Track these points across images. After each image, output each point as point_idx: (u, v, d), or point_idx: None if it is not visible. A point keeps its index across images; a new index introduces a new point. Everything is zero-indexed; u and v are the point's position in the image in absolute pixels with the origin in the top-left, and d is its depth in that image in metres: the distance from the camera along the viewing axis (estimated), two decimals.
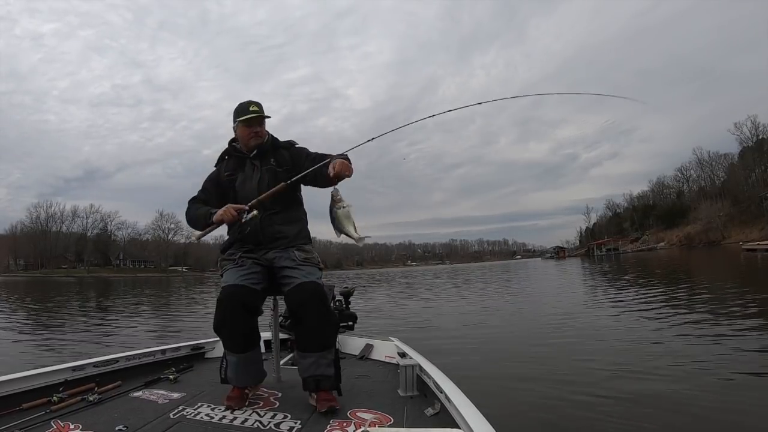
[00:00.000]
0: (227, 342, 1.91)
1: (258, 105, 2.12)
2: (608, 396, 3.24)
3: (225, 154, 2.23)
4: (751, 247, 31.16)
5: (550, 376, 3.86)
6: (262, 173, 2.13)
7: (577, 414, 2.96)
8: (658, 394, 3.22)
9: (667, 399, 3.12)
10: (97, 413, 1.78)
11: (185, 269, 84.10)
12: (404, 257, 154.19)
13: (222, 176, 2.16)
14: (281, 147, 2.21)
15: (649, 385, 3.44)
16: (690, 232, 64.50)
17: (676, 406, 2.97)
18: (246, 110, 2.10)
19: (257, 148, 2.13)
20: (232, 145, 2.21)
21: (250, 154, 2.14)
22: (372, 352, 2.81)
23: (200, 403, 1.88)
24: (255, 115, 2.08)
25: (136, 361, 2.45)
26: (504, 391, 3.54)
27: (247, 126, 2.10)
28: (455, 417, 1.53)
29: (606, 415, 2.91)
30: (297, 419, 1.71)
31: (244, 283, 1.88)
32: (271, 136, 2.21)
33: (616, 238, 79.58)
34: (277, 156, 2.17)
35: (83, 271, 74.96)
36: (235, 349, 1.89)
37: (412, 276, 33.13)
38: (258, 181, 2.11)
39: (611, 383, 3.52)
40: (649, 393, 3.27)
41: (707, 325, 5.71)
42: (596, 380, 3.63)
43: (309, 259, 2.01)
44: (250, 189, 2.09)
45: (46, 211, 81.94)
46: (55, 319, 10.96)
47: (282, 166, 2.14)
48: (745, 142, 62.54)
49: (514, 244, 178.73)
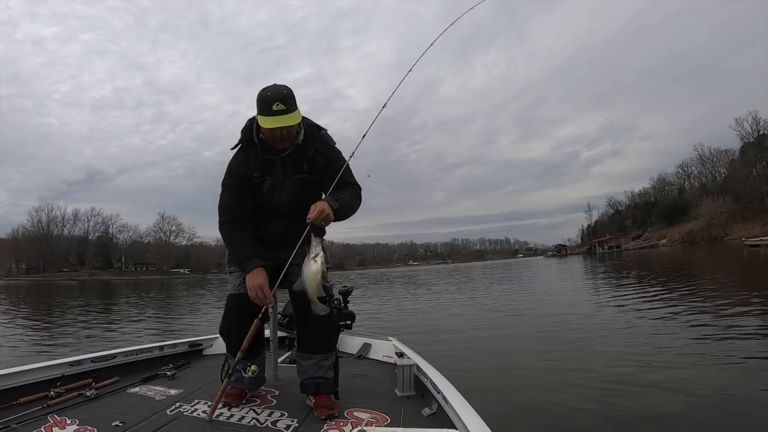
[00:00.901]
0: (231, 346, 1.87)
1: (285, 101, 1.72)
2: (608, 396, 3.22)
3: (248, 143, 1.88)
4: (753, 243, 31.07)
5: (548, 376, 3.85)
6: (294, 184, 1.89)
7: (576, 415, 2.95)
8: (660, 395, 3.19)
9: (669, 399, 3.08)
10: (95, 408, 1.78)
11: (187, 271, 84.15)
12: (406, 257, 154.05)
13: (250, 174, 1.88)
14: (318, 150, 1.91)
15: (650, 385, 3.40)
16: (692, 228, 64.28)
17: (678, 406, 2.94)
18: (268, 110, 1.72)
19: (290, 148, 1.85)
20: (260, 138, 1.84)
21: (281, 153, 1.86)
22: (370, 351, 2.81)
23: (197, 400, 1.88)
24: (277, 126, 1.73)
25: (133, 357, 2.46)
26: (501, 392, 3.53)
27: (269, 129, 1.77)
28: (452, 417, 1.53)
29: (605, 415, 2.90)
30: (294, 417, 1.71)
31: (241, 291, 1.85)
32: (305, 126, 1.89)
33: (617, 236, 79.28)
34: (311, 161, 1.90)
35: (85, 274, 75.01)
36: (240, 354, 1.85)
37: (413, 276, 33.11)
38: (291, 194, 1.89)
39: (611, 383, 3.50)
40: (650, 393, 3.24)
41: (710, 324, 5.66)
42: (595, 380, 3.62)
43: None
44: (279, 200, 1.90)
45: (47, 214, 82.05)
46: (53, 317, 11.00)
47: (314, 173, 1.91)
48: (746, 137, 62.38)
49: (516, 242, 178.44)
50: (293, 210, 1.89)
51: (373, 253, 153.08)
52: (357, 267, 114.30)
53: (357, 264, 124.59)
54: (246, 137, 1.88)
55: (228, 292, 1.94)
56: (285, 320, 2.81)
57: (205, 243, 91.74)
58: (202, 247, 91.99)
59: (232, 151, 1.92)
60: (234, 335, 1.84)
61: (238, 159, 1.90)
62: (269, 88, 1.76)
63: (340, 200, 1.80)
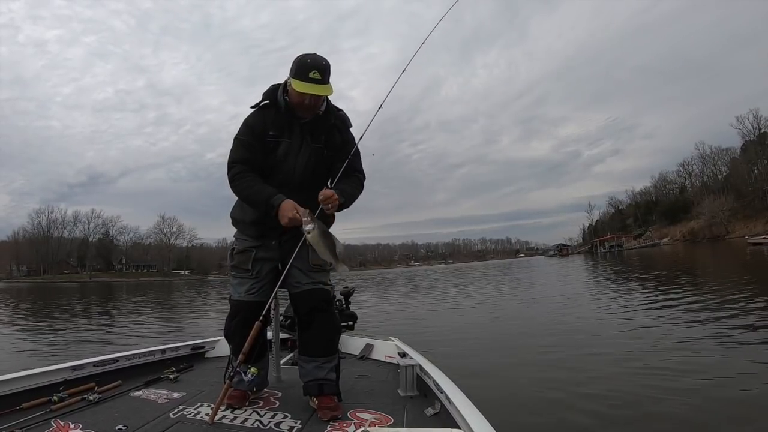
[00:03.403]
0: (236, 350, 1.86)
1: (322, 71, 1.72)
2: (612, 396, 3.21)
3: (273, 99, 1.84)
4: (756, 241, 31.04)
5: (551, 376, 3.84)
6: (310, 152, 1.86)
7: (577, 415, 2.95)
8: (662, 396, 3.17)
9: (672, 401, 3.07)
10: (97, 413, 1.78)
11: (188, 273, 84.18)
12: (407, 257, 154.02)
13: (266, 132, 1.82)
14: (337, 126, 1.91)
15: (654, 387, 3.38)
16: (693, 227, 64.19)
17: (679, 407, 2.93)
18: (305, 75, 1.71)
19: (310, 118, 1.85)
20: (285, 99, 1.82)
21: (300, 120, 1.84)
22: (372, 351, 2.80)
23: (200, 403, 1.88)
24: (309, 93, 1.72)
25: (136, 360, 2.45)
26: (504, 391, 3.53)
27: (299, 94, 1.75)
28: (455, 417, 1.52)
29: (609, 415, 2.89)
30: (297, 419, 1.71)
31: (257, 299, 1.86)
32: (327, 103, 1.89)
33: (619, 235, 79.18)
34: (329, 135, 1.89)
35: (85, 276, 75.11)
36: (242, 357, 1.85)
37: (414, 277, 33.09)
38: (305, 161, 1.86)
39: (614, 384, 3.49)
40: (651, 393, 3.23)
41: (715, 324, 5.63)
42: (597, 380, 3.61)
43: (319, 264, 1.88)
44: (293, 167, 1.85)
45: (47, 216, 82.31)
46: (55, 320, 11.00)
47: (329, 148, 1.89)
48: (747, 135, 62.29)
49: (517, 242, 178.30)
50: (305, 181, 1.87)
51: (374, 254, 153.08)
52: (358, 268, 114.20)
53: (358, 264, 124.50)
54: (270, 96, 1.85)
55: (234, 299, 1.93)
56: (287, 322, 2.81)
57: (206, 245, 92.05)
58: (202, 249, 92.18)
59: (251, 109, 1.89)
60: (240, 340, 1.83)
61: (256, 116, 1.86)
62: (309, 56, 1.75)
63: (345, 195, 1.82)
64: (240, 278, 1.91)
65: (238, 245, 1.95)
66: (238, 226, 1.97)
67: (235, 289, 1.93)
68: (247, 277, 1.90)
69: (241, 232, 1.96)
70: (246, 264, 1.90)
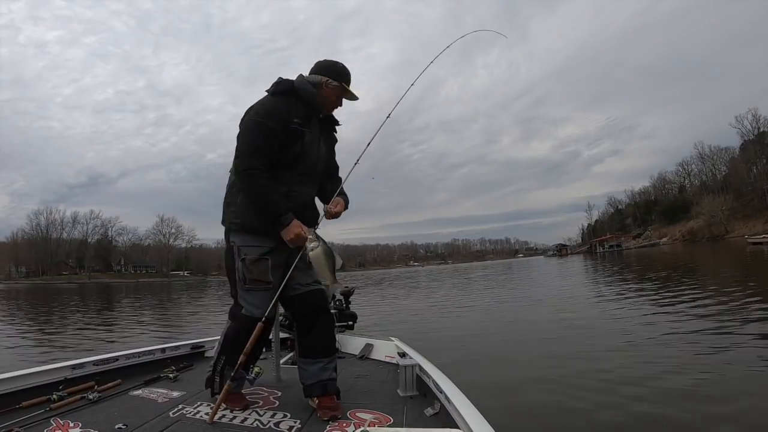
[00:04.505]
0: (233, 360, 1.78)
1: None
2: (612, 397, 3.21)
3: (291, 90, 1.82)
4: (756, 241, 31.06)
5: (551, 376, 3.83)
6: (327, 144, 1.97)
7: (577, 415, 2.94)
8: (662, 397, 3.17)
9: (672, 401, 3.06)
10: (97, 412, 1.78)
11: (187, 273, 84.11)
12: (407, 258, 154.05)
13: (291, 120, 1.76)
14: (334, 129, 2.04)
15: (655, 387, 3.37)
16: (693, 227, 64.21)
17: (680, 408, 2.92)
18: (348, 81, 1.89)
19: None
20: (312, 92, 1.83)
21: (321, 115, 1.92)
22: (372, 351, 2.80)
23: (200, 402, 1.88)
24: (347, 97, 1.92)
25: (135, 359, 2.45)
26: (504, 392, 3.53)
27: (337, 95, 1.88)
28: (455, 417, 1.52)
29: (609, 415, 2.89)
30: (296, 419, 1.71)
31: (270, 315, 1.79)
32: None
33: (618, 235, 79.19)
34: (334, 132, 2.04)
35: (84, 277, 74.97)
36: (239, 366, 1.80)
37: (414, 277, 33.08)
38: (324, 153, 1.94)
39: (614, 385, 3.48)
40: (652, 394, 3.23)
41: (719, 323, 5.62)
42: (599, 381, 3.60)
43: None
44: (315, 157, 1.88)
45: (46, 218, 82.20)
46: (55, 320, 10.99)
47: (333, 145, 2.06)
48: (746, 135, 62.38)
49: (517, 242, 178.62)
50: (321, 173, 1.96)
51: (374, 254, 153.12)
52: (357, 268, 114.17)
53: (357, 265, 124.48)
54: (300, 85, 1.82)
55: (247, 314, 1.79)
56: (286, 321, 2.81)
57: (205, 245, 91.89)
58: (201, 250, 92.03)
59: (266, 93, 1.82)
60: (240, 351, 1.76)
61: (279, 100, 1.78)
62: (340, 63, 1.92)
63: (346, 203, 1.98)
64: (257, 291, 1.79)
65: (250, 254, 1.78)
66: (250, 232, 1.80)
67: (249, 304, 1.79)
68: (268, 289, 1.79)
69: (254, 237, 1.80)
70: (266, 275, 1.78)
